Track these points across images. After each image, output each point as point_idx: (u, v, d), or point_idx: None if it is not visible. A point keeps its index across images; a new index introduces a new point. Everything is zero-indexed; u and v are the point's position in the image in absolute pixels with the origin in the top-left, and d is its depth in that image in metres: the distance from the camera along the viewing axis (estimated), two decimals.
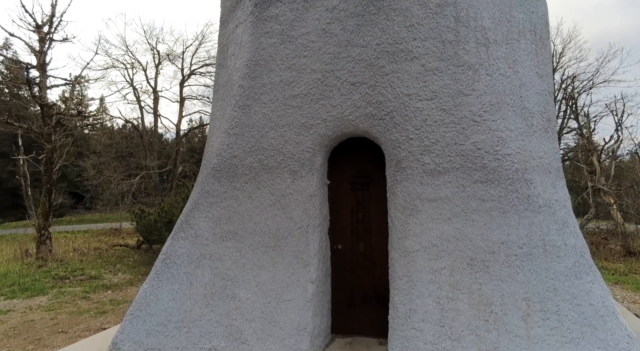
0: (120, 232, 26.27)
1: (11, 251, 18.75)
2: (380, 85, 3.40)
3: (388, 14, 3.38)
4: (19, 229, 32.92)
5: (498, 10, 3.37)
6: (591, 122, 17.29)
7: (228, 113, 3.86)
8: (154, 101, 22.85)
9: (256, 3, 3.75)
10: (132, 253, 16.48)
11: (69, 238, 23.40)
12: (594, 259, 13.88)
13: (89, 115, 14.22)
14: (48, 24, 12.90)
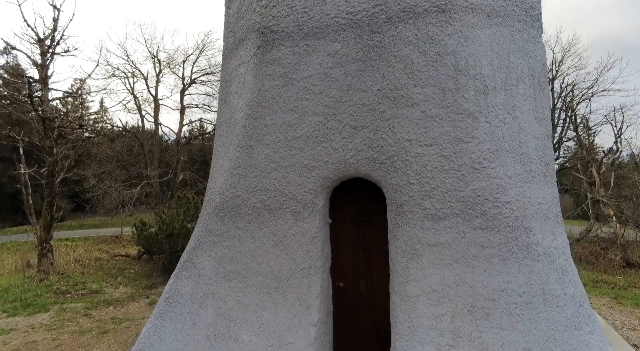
0: (121, 240, 26.29)
1: (13, 260, 18.78)
2: (381, 130, 3.45)
3: (389, 61, 3.43)
4: (19, 235, 32.95)
5: (497, 57, 3.42)
6: (590, 132, 17.36)
7: (231, 152, 3.91)
8: (155, 109, 22.93)
9: (259, 45, 3.80)
10: (133, 264, 16.51)
11: (70, 246, 23.45)
12: (594, 272, 13.93)
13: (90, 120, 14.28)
14: (50, 37, 12.97)
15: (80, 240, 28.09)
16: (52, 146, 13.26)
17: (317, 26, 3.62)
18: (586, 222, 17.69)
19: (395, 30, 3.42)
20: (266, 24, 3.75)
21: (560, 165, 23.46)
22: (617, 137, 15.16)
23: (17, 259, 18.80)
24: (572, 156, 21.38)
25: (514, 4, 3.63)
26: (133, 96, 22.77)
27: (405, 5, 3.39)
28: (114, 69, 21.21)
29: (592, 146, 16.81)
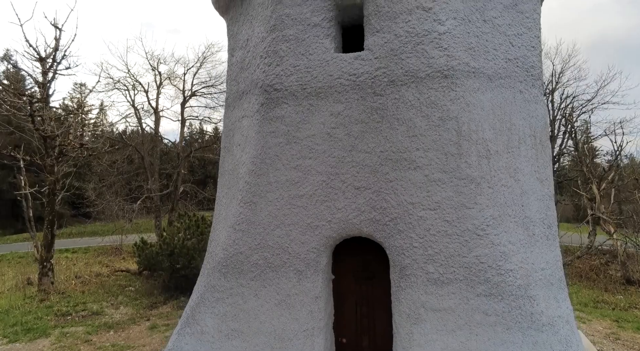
0: (121, 252, 26.24)
1: (13, 275, 18.75)
2: (384, 192, 3.47)
3: (392, 123, 3.45)
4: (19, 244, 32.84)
5: (498, 120, 3.44)
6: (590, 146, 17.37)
7: (234, 207, 3.92)
8: (155, 122, 22.97)
9: (262, 102, 3.82)
10: (134, 280, 16.48)
11: (70, 259, 23.41)
12: (594, 291, 13.86)
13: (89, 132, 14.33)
14: (51, 56, 13.01)
15: (80, 251, 28.03)
16: (53, 165, 13.28)
17: (320, 86, 3.64)
18: (586, 228, 17.82)
19: (398, 94, 3.44)
20: (270, 82, 3.77)
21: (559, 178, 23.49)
22: (618, 153, 15.17)
23: (17, 274, 18.79)
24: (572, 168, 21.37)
25: (515, 65, 3.65)
26: (134, 108, 22.82)
27: (407, 69, 3.42)
28: (115, 81, 21.28)
29: (592, 160, 16.82)
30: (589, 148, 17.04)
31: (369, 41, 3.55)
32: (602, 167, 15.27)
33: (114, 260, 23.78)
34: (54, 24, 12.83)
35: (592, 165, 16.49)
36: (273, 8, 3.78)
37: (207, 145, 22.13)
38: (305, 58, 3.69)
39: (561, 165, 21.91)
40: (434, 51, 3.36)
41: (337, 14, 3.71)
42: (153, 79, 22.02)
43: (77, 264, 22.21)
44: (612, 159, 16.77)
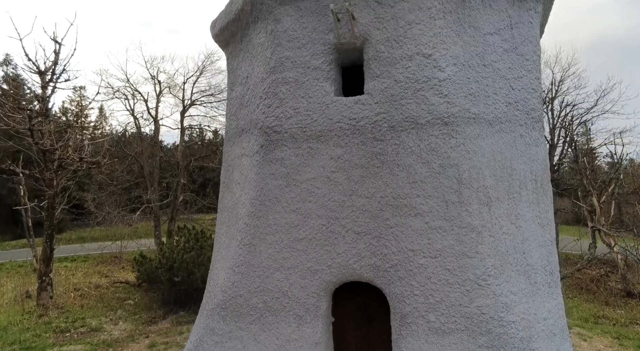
0: (121, 260, 26.18)
1: (12, 287, 18.68)
2: (384, 237, 3.44)
3: (392, 169, 3.43)
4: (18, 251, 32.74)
5: (499, 166, 3.42)
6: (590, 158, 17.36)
7: (233, 248, 3.90)
8: (155, 130, 22.95)
9: (262, 144, 3.80)
10: (133, 292, 16.43)
11: (69, 269, 23.34)
12: (595, 305, 13.83)
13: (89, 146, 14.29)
14: (51, 70, 12.99)
15: (79, 259, 27.95)
16: (52, 178, 13.25)
17: (320, 129, 3.62)
18: (584, 229, 17.76)
19: (398, 139, 3.42)
20: (269, 123, 3.75)
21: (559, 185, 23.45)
22: (617, 166, 15.16)
23: (16, 285, 18.73)
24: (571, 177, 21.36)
25: (515, 108, 3.64)
26: (133, 117, 22.81)
27: (408, 115, 3.40)
28: (114, 90, 21.28)
29: (592, 172, 16.80)
30: (589, 160, 17.02)
31: (369, 85, 3.54)
32: (602, 180, 15.21)
33: (113, 270, 23.74)
34: (54, 38, 12.82)
35: (593, 176, 16.48)
36: (273, 50, 3.77)
37: (206, 154, 22.09)
38: (305, 101, 3.68)
39: (561, 173, 21.89)
40: (435, 98, 3.34)
41: (337, 57, 3.70)
42: (152, 88, 22.01)
43: (76, 274, 22.18)
44: (612, 170, 16.75)
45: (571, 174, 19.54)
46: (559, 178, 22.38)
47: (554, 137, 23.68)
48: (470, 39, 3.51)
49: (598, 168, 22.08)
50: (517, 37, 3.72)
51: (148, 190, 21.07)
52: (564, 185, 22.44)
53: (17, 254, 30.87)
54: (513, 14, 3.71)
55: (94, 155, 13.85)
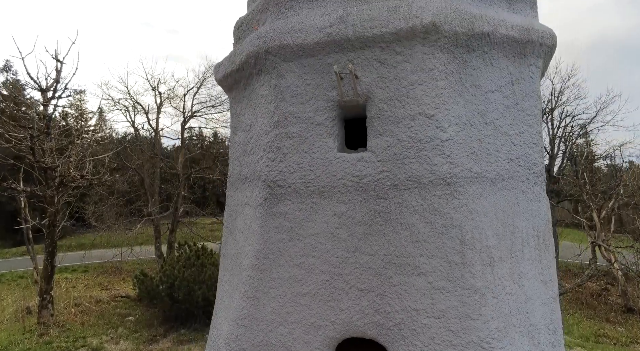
0: (121, 271, 26.16)
1: (12, 300, 18.66)
2: (388, 295, 3.47)
3: (395, 227, 3.46)
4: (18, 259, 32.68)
5: (502, 225, 3.45)
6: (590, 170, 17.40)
7: (237, 300, 3.92)
8: (156, 141, 22.99)
9: (265, 197, 3.83)
10: (134, 308, 16.44)
11: (70, 280, 23.33)
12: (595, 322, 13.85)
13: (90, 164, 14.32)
14: (52, 88, 13.03)
15: (80, 269, 27.98)
16: (53, 195, 13.27)
17: (323, 185, 3.65)
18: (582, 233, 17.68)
19: (401, 198, 3.45)
20: (273, 177, 3.78)
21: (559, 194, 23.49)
22: (617, 184, 15.20)
23: (16, 299, 18.71)
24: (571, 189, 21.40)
25: (517, 164, 3.67)
26: (134, 128, 22.85)
27: (410, 174, 3.43)
28: (115, 102, 21.34)
29: (592, 187, 16.85)
30: (589, 175, 17.08)
31: (372, 143, 3.57)
32: (601, 195, 15.26)
33: (113, 281, 23.74)
34: (55, 56, 12.87)
35: (592, 191, 16.52)
36: (276, 105, 3.80)
37: (207, 165, 22.14)
38: (309, 156, 3.71)
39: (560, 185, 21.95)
40: (437, 158, 3.38)
41: (340, 112, 3.73)
42: (153, 99, 22.07)
43: (76, 286, 22.17)
44: (611, 180, 16.78)
45: (571, 184, 19.59)
46: (558, 190, 22.43)
47: (554, 147, 23.72)
48: (472, 98, 3.55)
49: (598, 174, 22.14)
50: (518, 93, 3.76)
51: (149, 202, 21.10)
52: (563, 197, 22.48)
53: (17, 263, 30.81)
54: (514, 70, 3.75)
55: (95, 172, 13.86)
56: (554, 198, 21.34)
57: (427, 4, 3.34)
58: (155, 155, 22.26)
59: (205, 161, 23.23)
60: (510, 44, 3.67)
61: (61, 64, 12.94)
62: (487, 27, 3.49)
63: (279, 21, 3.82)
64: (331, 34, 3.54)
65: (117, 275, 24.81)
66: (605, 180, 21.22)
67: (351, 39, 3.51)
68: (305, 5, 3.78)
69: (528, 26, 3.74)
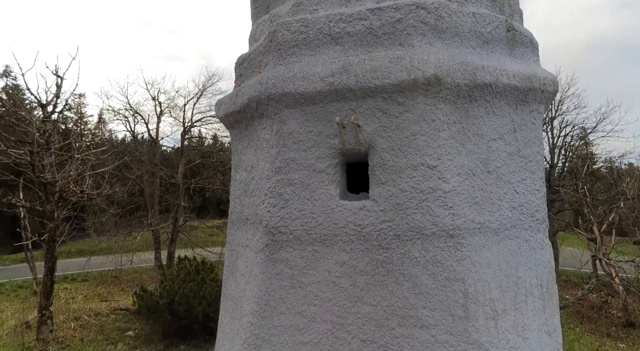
0: (121, 281, 26.10)
1: (12, 312, 18.62)
2: (390, 347, 3.44)
3: (397, 278, 3.44)
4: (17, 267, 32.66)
5: (505, 276, 3.43)
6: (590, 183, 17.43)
7: (237, 347, 3.90)
8: (156, 151, 22.98)
9: (267, 243, 3.81)
10: (133, 321, 16.40)
11: (69, 291, 23.27)
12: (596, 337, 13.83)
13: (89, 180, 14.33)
14: (52, 103, 13.03)
15: (79, 278, 27.91)
16: (53, 211, 13.25)
17: (325, 233, 3.64)
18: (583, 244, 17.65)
19: (404, 249, 3.43)
20: (274, 224, 3.77)
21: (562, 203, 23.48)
22: (618, 199, 15.19)
23: (16, 311, 18.66)
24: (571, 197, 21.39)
25: (520, 212, 3.66)
26: (133, 138, 22.84)
27: (413, 225, 3.41)
28: (116, 112, 21.35)
29: (593, 199, 16.84)
30: (589, 188, 17.07)
31: (374, 192, 3.56)
32: (603, 210, 15.25)
33: (113, 292, 23.69)
34: (56, 72, 12.88)
35: (593, 204, 16.52)
36: (278, 150, 3.79)
37: (207, 175, 22.14)
38: (310, 203, 3.69)
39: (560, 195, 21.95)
40: (439, 209, 3.36)
41: (342, 159, 3.72)
42: (153, 109, 22.13)
43: (76, 297, 22.11)
44: (612, 190, 16.75)
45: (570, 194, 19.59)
46: (559, 199, 22.42)
47: (554, 156, 23.71)
48: (474, 147, 3.54)
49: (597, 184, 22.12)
50: (520, 139, 3.75)
51: (149, 212, 21.07)
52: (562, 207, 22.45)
53: (17, 271, 30.74)
54: (516, 117, 3.75)
55: (95, 186, 13.85)
56: (553, 209, 21.34)
57: (429, 56, 3.34)
58: (155, 164, 22.25)
59: (206, 171, 23.23)
60: (512, 93, 3.67)
61: (61, 79, 12.95)
62: (489, 78, 3.48)
63: (281, 67, 3.81)
64: (333, 83, 3.53)
65: (117, 284, 24.77)
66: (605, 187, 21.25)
67: (353, 88, 3.51)
68: (307, 52, 3.78)
69: (530, 74, 3.73)
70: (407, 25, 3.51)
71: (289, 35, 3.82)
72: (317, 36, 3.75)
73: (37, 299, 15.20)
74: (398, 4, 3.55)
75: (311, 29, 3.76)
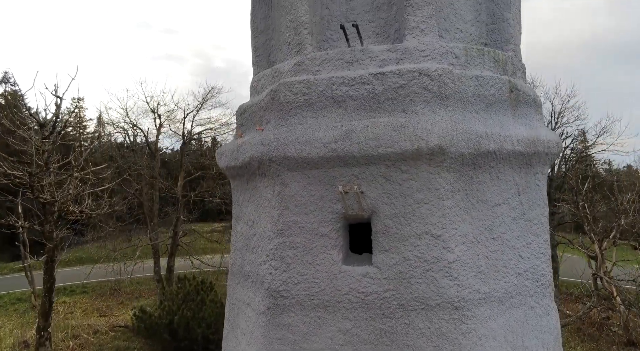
0: (120, 293, 25.98)
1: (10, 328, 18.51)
2: None
3: (402, 349, 3.39)
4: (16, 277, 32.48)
5: (511, 348, 3.39)
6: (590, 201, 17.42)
7: None
8: (155, 164, 22.92)
9: (269, 306, 3.77)
10: (132, 340, 16.31)
11: (68, 305, 23.14)
12: None
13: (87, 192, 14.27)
14: (52, 124, 12.97)
15: (78, 290, 27.75)
16: (51, 231, 13.18)
17: (327, 299, 3.59)
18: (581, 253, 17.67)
19: (408, 319, 3.39)
20: (276, 287, 3.73)
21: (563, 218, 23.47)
22: (618, 218, 15.17)
23: (14, 327, 18.54)
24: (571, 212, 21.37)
25: (525, 278, 3.62)
26: (132, 151, 22.79)
27: (417, 295, 3.37)
28: (115, 125, 21.32)
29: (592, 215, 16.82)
30: (589, 206, 17.04)
31: (377, 258, 3.52)
32: (604, 228, 15.23)
33: (112, 305, 23.57)
34: (55, 92, 12.84)
35: (594, 221, 16.48)
36: (280, 212, 3.75)
37: (207, 188, 22.10)
38: (313, 268, 3.65)
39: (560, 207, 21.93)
40: (444, 280, 3.32)
41: (345, 223, 3.68)
42: (152, 122, 22.11)
43: (74, 312, 21.96)
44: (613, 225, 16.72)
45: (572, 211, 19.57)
46: (559, 213, 22.39)
47: (553, 169, 23.68)
48: (479, 214, 3.50)
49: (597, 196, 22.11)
50: (524, 203, 3.72)
51: (148, 225, 21.00)
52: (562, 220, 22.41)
53: (15, 281, 30.50)
54: (520, 180, 3.71)
55: (95, 206, 13.80)
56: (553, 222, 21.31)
57: (432, 126, 3.31)
58: (154, 177, 22.20)
59: (206, 183, 23.19)
60: (516, 158, 3.63)
61: (60, 99, 12.92)
62: (492, 145, 3.45)
63: (283, 128, 3.77)
64: (336, 150, 3.50)
65: (116, 297, 24.65)
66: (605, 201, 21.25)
67: (356, 156, 3.47)
68: (309, 114, 3.74)
69: (534, 138, 3.70)
70: (410, 91, 3.48)
71: (291, 96, 3.79)
72: (320, 98, 3.72)
73: (36, 314, 15.10)
74: (401, 69, 3.52)
75: (313, 90, 3.73)
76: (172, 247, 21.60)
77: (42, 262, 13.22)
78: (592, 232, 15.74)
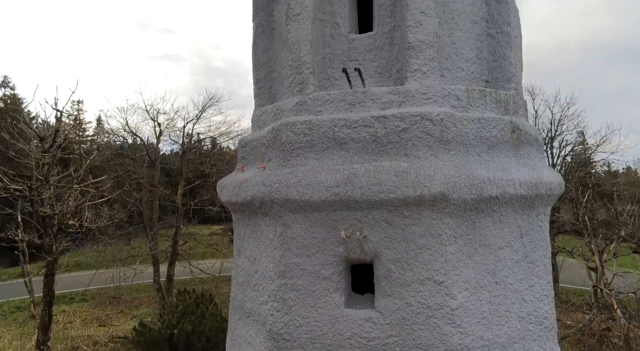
0: (119, 301, 25.92)
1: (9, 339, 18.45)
2: None
3: None
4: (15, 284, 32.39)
5: None
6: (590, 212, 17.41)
7: None
8: (154, 173, 22.90)
9: (271, 349, 3.74)
10: (132, 350, 16.23)
11: (67, 314, 23.08)
12: None
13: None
14: (51, 138, 12.95)
15: (78, 297, 27.68)
16: (51, 244, 13.15)
17: (330, 343, 3.57)
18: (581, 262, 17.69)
19: None
20: (278, 330, 3.71)
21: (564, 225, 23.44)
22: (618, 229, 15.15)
23: (12, 338, 18.49)
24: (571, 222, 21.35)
25: (528, 321, 3.60)
26: (132, 160, 22.79)
27: (420, 342, 3.35)
28: (114, 134, 21.32)
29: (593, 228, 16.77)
30: (590, 217, 17.02)
31: (379, 303, 3.50)
32: (604, 241, 15.20)
33: (111, 315, 23.50)
34: (54, 107, 12.83)
35: (594, 232, 16.46)
36: (282, 254, 3.73)
37: (207, 197, 22.08)
38: (315, 311, 3.63)
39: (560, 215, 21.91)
40: (447, 327, 3.31)
41: (347, 265, 3.67)
42: (152, 130, 22.11)
43: (74, 322, 21.90)
44: (614, 236, 16.68)
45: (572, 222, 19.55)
46: (559, 221, 22.37)
47: None
48: (481, 258, 3.49)
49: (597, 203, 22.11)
50: (527, 245, 3.71)
51: (148, 234, 20.97)
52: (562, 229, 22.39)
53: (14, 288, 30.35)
54: (522, 223, 3.70)
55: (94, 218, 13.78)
56: (553, 230, 21.29)
57: (435, 172, 3.30)
58: (154, 186, 22.18)
59: (206, 191, 23.16)
60: (518, 201, 3.63)
61: (60, 113, 12.90)
62: (495, 190, 3.44)
63: (285, 169, 3.76)
64: (338, 194, 3.49)
65: (116, 306, 24.59)
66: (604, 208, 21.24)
67: (358, 200, 3.46)
68: (311, 156, 3.73)
69: (536, 180, 3.69)
70: (413, 135, 3.47)
71: (293, 136, 3.78)
72: (322, 140, 3.71)
73: (35, 324, 15.05)
74: (403, 113, 3.51)
75: (315, 132, 3.72)
76: (172, 255, 21.55)
77: (42, 274, 13.19)
78: (592, 243, 15.72)
